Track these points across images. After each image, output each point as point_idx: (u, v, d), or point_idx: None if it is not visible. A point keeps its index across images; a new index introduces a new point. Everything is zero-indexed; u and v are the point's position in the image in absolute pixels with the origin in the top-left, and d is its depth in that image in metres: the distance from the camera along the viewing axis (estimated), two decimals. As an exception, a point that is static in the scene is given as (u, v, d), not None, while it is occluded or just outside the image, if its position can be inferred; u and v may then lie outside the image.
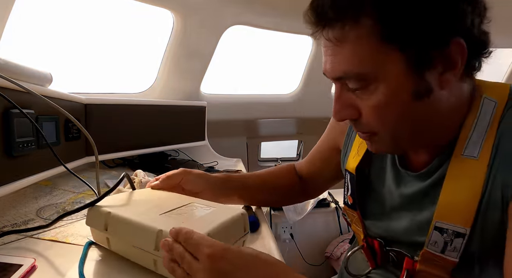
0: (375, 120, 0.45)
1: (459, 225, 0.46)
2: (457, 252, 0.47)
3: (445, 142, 0.49)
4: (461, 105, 0.47)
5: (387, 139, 0.48)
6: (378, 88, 0.42)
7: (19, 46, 1.15)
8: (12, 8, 0.91)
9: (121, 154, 1.19)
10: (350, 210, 0.64)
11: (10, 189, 0.65)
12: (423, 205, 0.52)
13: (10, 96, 0.64)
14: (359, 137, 0.58)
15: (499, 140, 0.43)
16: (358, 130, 0.50)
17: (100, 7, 1.42)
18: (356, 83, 0.43)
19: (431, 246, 0.49)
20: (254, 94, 2.03)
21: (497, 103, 0.46)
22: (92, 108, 1.07)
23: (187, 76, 1.60)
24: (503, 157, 0.43)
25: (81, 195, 0.85)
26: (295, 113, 2.11)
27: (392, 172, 0.57)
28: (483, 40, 0.44)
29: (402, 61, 0.40)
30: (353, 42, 0.41)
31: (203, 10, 1.37)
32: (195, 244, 0.39)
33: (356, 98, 0.45)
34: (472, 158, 0.45)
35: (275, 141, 2.40)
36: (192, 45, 1.48)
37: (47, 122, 0.79)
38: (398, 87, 0.42)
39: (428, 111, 0.44)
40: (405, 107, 0.43)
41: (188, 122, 1.50)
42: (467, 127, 0.46)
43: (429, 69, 0.41)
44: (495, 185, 0.43)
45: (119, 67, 1.60)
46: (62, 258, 0.51)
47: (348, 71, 0.43)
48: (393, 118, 0.45)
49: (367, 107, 0.45)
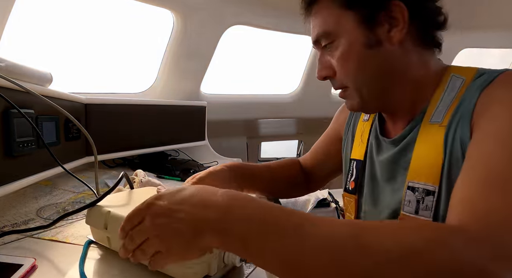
0: (341, 71, 0.56)
1: (428, 183, 0.51)
2: (429, 211, 0.51)
3: (417, 112, 0.56)
4: (431, 80, 0.55)
5: (354, 90, 0.57)
6: (340, 43, 0.54)
7: (19, 46, 1.15)
8: (12, 8, 0.91)
9: (121, 153, 1.19)
10: (348, 196, 0.70)
11: (10, 189, 0.65)
12: (398, 172, 0.58)
13: (10, 96, 0.64)
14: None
15: (459, 105, 0.50)
16: (335, 88, 0.60)
17: (100, 7, 1.42)
18: (325, 40, 0.56)
19: (406, 206, 0.54)
20: (254, 94, 2.03)
21: (464, 80, 0.52)
22: (92, 108, 1.07)
23: (187, 76, 1.60)
24: (459, 117, 0.48)
25: (81, 195, 0.85)
26: (295, 113, 2.11)
27: (375, 142, 0.65)
28: (430, 8, 0.54)
29: (355, 20, 0.53)
30: (322, 12, 0.56)
31: (203, 10, 1.37)
32: (134, 212, 0.40)
33: (330, 59, 0.57)
34: (437, 123, 0.52)
35: (275, 141, 2.40)
36: (192, 45, 1.48)
37: (47, 122, 0.79)
38: (353, 40, 0.53)
39: (382, 62, 0.54)
40: (360, 56, 0.54)
41: (188, 122, 1.50)
42: (436, 99, 0.54)
43: (377, 26, 0.52)
44: (455, 144, 0.48)
45: (119, 67, 1.60)
46: (62, 257, 0.51)
47: (319, 32, 0.56)
48: (353, 67, 0.55)
49: (335, 62, 0.56)
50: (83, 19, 1.39)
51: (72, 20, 1.36)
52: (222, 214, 0.36)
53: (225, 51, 1.66)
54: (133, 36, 1.59)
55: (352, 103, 0.59)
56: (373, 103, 0.59)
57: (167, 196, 0.40)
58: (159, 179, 1.10)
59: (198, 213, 0.37)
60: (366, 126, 0.69)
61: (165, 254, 0.38)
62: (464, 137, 0.46)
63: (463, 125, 0.47)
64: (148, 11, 1.36)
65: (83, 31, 1.41)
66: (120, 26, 1.51)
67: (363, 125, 0.70)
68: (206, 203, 0.38)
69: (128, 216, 0.41)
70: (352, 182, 0.68)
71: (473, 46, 2.08)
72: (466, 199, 0.38)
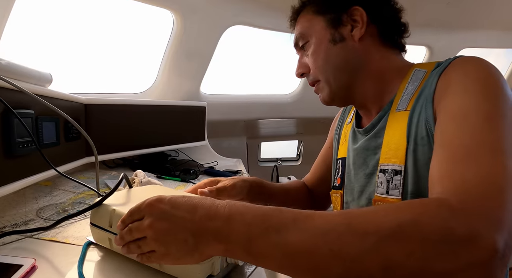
0: (313, 65, 0.65)
1: (396, 163, 0.55)
2: (398, 190, 0.55)
3: (385, 102, 0.62)
4: (395, 74, 0.62)
5: (324, 81, 0.65)
6: (312, 42, 0.65)
7: (19, 46, 1.15)
8: (12, 8, 0.91)
9: (121, 154, 1.19)
10: (335, 192, 0.74)
11: (10, 189, 0.65)
12: (369, 157, 0.63)
13: (10, 96, 0.64)
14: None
15: (421, 91, 0.55)
16: (310, 83, 0.69)
17: (100, 7, 1.42)
18: (302, 41, 0.67)
19: (379, 188, 0.58)
20: (254, 94, 2.03)
21: (426, 72, 0.58)
22: (92, 109, 1.07)
23: (187, 76, 1.60)
24: (423, 102, 0.53)
25: (81, 195, 0.85)
26: (295, 113, 2.11)
27: (352, 135, 0.71)
28: (387, 16, 0.63)
29: (324, 22, 0.64)
30: (300, 19, 0.69)
31: (203, 10, 1.37)
32: (135, 208, 0.42)
33: (306, 58, 0.68)
34: (402, 110, 0.57)
35: (275, 141, 2.40)
36: (192, 45, 1.48)
37: (47, 122, 0.79)
38: (321, 38, 0.64)
39: (346, 55, 0.63)
40: (328, 50, 0.63)
41: (188, 122, 1.50)
42: (401, 90, 0.60)
43: (341, 26, 0.62)
44: (419, 125, 0.52)
45: (119, 67, 1.60)
46: (62, 258, 0.51)
47: (297, 34, 0.68)
48: (322, 60, 0.64)
49: (309, 59, 0.66)
50: (83, 19, 1.39)
51: (72, 20, 1.36)
52: (225, 223, 0.38)
53: (225, 51, 1.66)
54: (133, 36, 1.59)
55: (323, 95, 0.67)
56: (340, 93, 0.66)
57: (170, 201, 0.41)
58: (159, 179, 1.10)
59: (204, 223, 0.38)
60: (349, 127, 0.75)
61: (161, 255, 0.40)
62: (428, 118, 0.51)
63: (426, 108, 0.52)
64: (148, 11, 1.36)
65: (83, 31, 1.41)
66: (120, 26, 1.51)
67: (347, 127, 0.76)
68: (210, 214, 0.39)
69: (131, 210, 0.42)
70: (339, 178, 0.73)
71: (473, 46, 2.08)
72: (444, 175, 0.40)
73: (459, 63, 0.53)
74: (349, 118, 0.77)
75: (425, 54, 2.05)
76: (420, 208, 0.34)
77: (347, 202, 0.70)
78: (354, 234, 0.33)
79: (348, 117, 0.79)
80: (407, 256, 0.31)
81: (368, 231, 0.33)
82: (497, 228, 0.32)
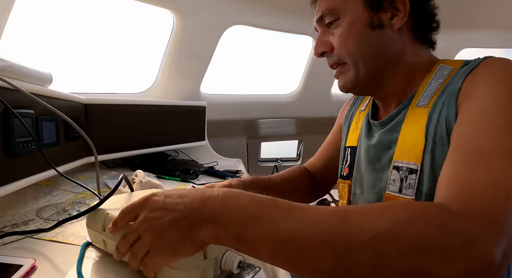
0: (341, 47, 0.59)
1: (411, 161, 0.53)
2: (412, 189, 0.53)
3: (406, 96, 0.60)
4: (421, 68, 0.60)
5: (352, 65, 0.60)
6: (344, 21, 0.58)
7: (19, 46, 1.15)
8: (12, 8, 0.91)
9: (121, 154, 1.19)
10: (343, 181, 0.72)
11: (10, 189, 0.65)
12: (382, 152, 0.60)
13: (10, 96, 0.64)
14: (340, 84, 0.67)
15: (444, 89, 0.53)
16: (332, 64, 0.63)
17: (100, 7, 1.42)
18: (330, 17, 0.59)
19: (391, 186, 0.56)
20: (254, 94, 2.03)
21: (452, 69, 0.56)
22: (92, 108, 1.07)
23: (187, 76, 1.60)
24: (445, 99, 0.51)
25: (81, 195, 0.85)
26: (295, 113, 2.11)
27: (366, 127, 0.68)
28: (427, 10, 0.60)
29: (361, 0, 0.57)
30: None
31: (203, 10, 1.37)
32: (129, 206, 0.42)
33: (330, 36, 0.61)
34: (422, 106, 0.55)
35: (275, 141, 2.40)
36: (192, 45, 1.48)
37: (47, 122, 0.79)
38: (357, 19, 0.57)
39: (381, 44, 0.58)
40: (363, 34, 0.58)
41: (188, 122, 1.50)
42: (424, 85, 0.58)
43: (381, 11, 0.57)
44: (439, 124, 0.50)
45: (119, 67, 1.60)
46: (62, 258, 0.51)
47: (327, 8, 0.60)
48: (354, 43, 0.58)
49: (336, 38, 0.59)
50: (83, 19, 1.39)
51: (72, 20, 1.36)
52: (218, 204, 0.38)
53: (225, 51, 1.66)
54: (133, 36, 1.59)
55: (346, 79, 0.62)
56: (366, 82, 0.61)
57: (165, 192, 0.42)
58: (159, 179, 1.10)
59: (197, 204, 0.38)
60: (362, 115, 0.72)
61: (155, 251, 0.39)
62: (449, 117, 0.49)
63: (449, 105, 0.50)
64: (148, 11, 1.36)
65: (83, 31, 1.41)
66: (120, 26, 1.51)
67: (359, 115, 0.73)
68: (205, 196, 0.39)
69: (122, 210, 0.42)
70: (347, 167, 0.71)
71: (473, 46, 2.08)
72: (452, 177, 0.39)
73: (487, 64, 0.51)
74: (364, 105, 0.74)
75: (425, 54, 2.05)
76: (419, 210, 0.33)
77: (355, 193, 0.68)
78: (348, 228, 0.33)
79: (362, 104, 0.76)
80: (399, 255, 0.30)
81: (363, 227, 0.32)
82: (497, 238, 0.31)
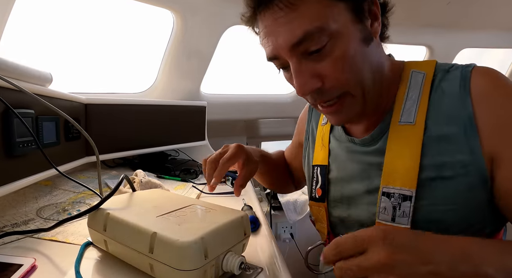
0: (341, 75, 0.46)
1: (404, 187, 0.48)
2: (407, 218, 0.48)
3: (382, 110, 0.54)
4: (395, 77, 0.53)
5: (359, 95, 0.49)
6: (336, 44, 0.45)
7: (19, 46, 1.15)
8: (12, 8, 0.91)
9: (121, 153, 1.19)
10: (317, 204, 0.65)
11: (10, 189, 0.65)
12: (371, 173, 0.54)
13: (11, 96, 0.64)
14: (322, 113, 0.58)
15: (434, 104, 0.49)
16: (328, 99, 0.49)
17: (100, 7, 1.42)
18: (317, 41, 0.44)
19: (382, 214, 0.51)
20: (254, 94, 2.03)
21: (426, 75, 0.51)
22: (92, 108, 1.07)
23: (187, 76, 1.60)
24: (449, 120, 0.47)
25: (81, 195, 0.85)
26: (295, 113, 2.10)
27: (339, 144, 0.62)
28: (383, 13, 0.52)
29: (347, 10, 0.45)
30: (306, 2, 0.44)
31: (203, 10, 1.37)
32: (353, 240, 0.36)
33: (315, 65, 0.46)
34: (409, 124, 0.49)
35: (275, 141, 2.40)
36: (192, 45, 1.48)
37: (47, 122, 0.79)
38: (350, 37, 0.46)
39: (375, 57, 0.50)
40: (363, 53, 0.47)
41: (188, 122, 1.50)
42: (400, 97, 0.52)
43: (365, 19, 0.48)
44: (447, 151, 0.46)
45: (119, 67, 1.60)
46: (62, 258, 0.51)
47: (309, 28, 0.44)
48: (359, 66, 0.47)
49: (332, 63, 0.46)
50: (83, 19, 1.39)
51: (72, 20, 1.36)
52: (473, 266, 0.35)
53: (225, 51, 1.66)
54: (133, 36, 1.59)
55: (350, 114, 0.51)
56: (370, 108, 0.52)
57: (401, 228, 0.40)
58: (159, 179, 1.11)
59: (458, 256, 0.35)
60: (326, 130, 0.66)
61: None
62: (474, 149, 0.45)
63: (467, 135, 0.46)
64: (148, 11, 1.36)
65: (83, 31, 1.41)
66: (120, 26, 1.51)
67: (323, 129, 0.67)
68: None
69: (338, 243, 0.37)
70: (319, 189, 0.64)
71: (473, 46, 2.08)
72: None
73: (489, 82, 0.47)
74: (324, 119, 0.68)
75: (425, 54, 2.05)
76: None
77: (340, 217, 0.61)
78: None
79: (321, 117, 0.69)
80: None
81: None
82: None
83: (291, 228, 1.74)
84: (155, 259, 0.42)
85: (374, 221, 0.53)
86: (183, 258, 0.40)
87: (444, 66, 0.52)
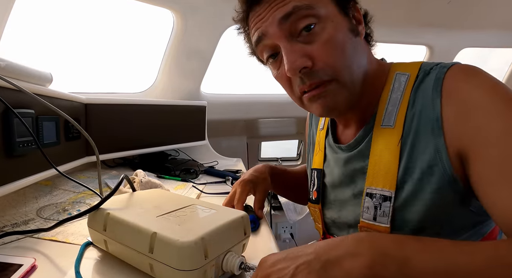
0: (328, 58, 0.47)
1: (385, 188, 0.50)
2: (387, 217, 0.50)
3: (368, 115, 0.55)
4: (378, 77, 0.54)
5: (343, 83, 0.49)
6: (326, 28, 0.48)
7: (19, 46, 1.15)
8: (12, 8, 0.91)
9: (121, 153, 1.19)
10: (313, 206, 0.69)
11: (10, 189, 0.65)
12: (356, 178, 0.56)
13: (11, 96, 0.64)
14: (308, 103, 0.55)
15: (412, 108, 0.49)
16: (313, 83, 0.49)
17: (100, 7, 1.42)
18: (306, 19, 0.47)
19: (365, 213, 0.53)
20: (254, 94, 2.03)
21: (409, 76, 0.51)
22: (92, 108, 1.07)
23: (187, 76, 1.60)
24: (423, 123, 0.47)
25: (81, 195, 0.85)
26: (295, 113, 2.11)
27: (330, 150, 0.64)
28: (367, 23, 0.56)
29: (334, 4, 0.49)
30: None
31: (203, 10, 1.37)
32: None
33: (305, 46, 0.48)
34: (389, 127, 0.50)
35: (275, 141, 2.40)
36: (192, 45, 1.48)
37: (47, 122, 0.79)
38: (338, 25, 0.48)
39: (362, 53, 0.52)
40: (352, 43, 0.49)
41: (188, 122, 1.50)
42: (383, 100, 0.53)
43: (350, 16, 0.51)
44: (421, 153, 0.47)
45: (119, 67, 1.60)
46: (62, 257, 0.51)
47: (298, 4, 0.46)
48: (348, 53, 0.48)
49: (322, 45, 0.47)
50: (83, 19, 1.39)
51: (72, 20, 1.36)
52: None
53: (225, 51, 1.66)
54: (133, 36, 1.59)
55: (335, 101, 0.51)
56: (352, 100, 0.52)
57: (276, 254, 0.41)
58: (159, 178, 1.10)
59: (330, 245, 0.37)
60: (322, 135, 0.68)
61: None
62: (439, 148, 0.45)
63: (434, 135, 0.46)
64: (148, 11, 1.36)
65: (83, 31, 1.41)
66: (120, 26, 1.51)
67: (320, 134, 0.69)
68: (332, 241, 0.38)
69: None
70: (315, 191, 0.68)
71: (473, 46, 2.08)
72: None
73: (461, 77, 0.46)
74: (321, 124, 0.70)
75: (425, 54, 2.05)
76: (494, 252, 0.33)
77: (332, 218, 0.64)
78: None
79: (320, 122, 0.71)
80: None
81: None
82: None
83: (291, 228, 1.74)
84: (155, 259, 0.42)
85: (359, 221, 0.55)
86: (183, 258, 0.40)
87: (426, 67, 0.51)
